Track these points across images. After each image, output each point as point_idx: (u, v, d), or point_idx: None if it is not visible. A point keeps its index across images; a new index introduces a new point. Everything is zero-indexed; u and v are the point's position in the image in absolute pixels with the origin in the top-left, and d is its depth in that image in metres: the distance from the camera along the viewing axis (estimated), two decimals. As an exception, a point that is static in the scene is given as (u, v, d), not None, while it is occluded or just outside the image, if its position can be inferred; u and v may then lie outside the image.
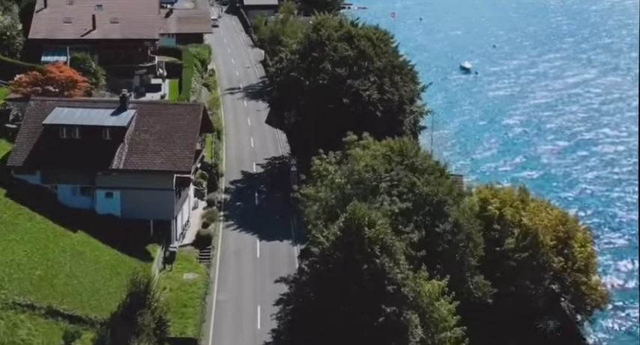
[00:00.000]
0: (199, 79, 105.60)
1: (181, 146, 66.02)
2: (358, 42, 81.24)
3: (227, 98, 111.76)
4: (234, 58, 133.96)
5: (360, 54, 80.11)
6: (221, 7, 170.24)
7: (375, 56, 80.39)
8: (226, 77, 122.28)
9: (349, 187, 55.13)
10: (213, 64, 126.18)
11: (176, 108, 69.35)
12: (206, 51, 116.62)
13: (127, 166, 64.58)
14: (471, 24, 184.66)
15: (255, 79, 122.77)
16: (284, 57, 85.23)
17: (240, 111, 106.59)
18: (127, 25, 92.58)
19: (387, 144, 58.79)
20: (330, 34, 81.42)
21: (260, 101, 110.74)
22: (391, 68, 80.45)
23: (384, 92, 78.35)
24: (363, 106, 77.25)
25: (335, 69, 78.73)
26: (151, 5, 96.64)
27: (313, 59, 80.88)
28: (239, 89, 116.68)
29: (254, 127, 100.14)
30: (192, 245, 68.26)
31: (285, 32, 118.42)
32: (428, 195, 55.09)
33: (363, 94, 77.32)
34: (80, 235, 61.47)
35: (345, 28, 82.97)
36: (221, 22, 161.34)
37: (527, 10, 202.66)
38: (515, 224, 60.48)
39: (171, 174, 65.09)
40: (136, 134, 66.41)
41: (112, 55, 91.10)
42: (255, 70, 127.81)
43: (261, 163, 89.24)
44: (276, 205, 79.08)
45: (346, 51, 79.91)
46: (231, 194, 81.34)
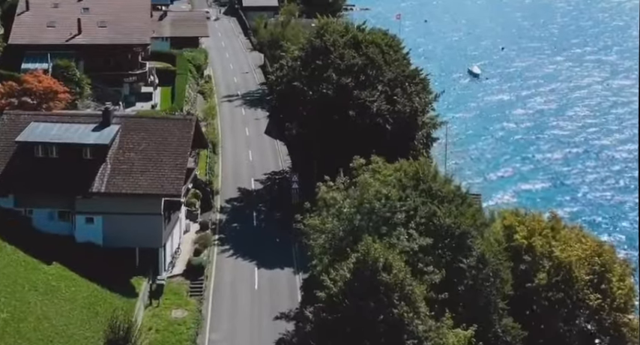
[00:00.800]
0: (194, 86, 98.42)
1: (171, 166, 58.84)
2: (366, 49, 74.04)
3: (224, 106, 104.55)
4: (232, 63, 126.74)
5: (367, 62, 72.90)
6: (219, 9, 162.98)
7: (384, 64, 73.18)
8: (224, 83, 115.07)
9: (359, 217, 47.93)
10: (209, 69, 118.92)
11: (165, 123, 62.11)
12: (202, 56, 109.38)
13: (110, 188, 57.41)
14: (477, 25, 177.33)
15: (254, 85, 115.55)
16: (284, 64, 77.97)
17: (237, 120, 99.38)
18: (115, 29, 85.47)
19: (401, 167, 51.52)
20: (335, 40, 74.19)
21: (259, 109, 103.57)
22: (402, 77, 73.21)
23: (394, 103, 71.12)
24: (371, 119, 70.04)
25: (341, 78, 71.49)
26: (141, 8, 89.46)
27: (317, 67, 73.63)
28: (237, 96, 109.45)
29: (252, 138, 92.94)
30: (183, 276, 61.02)
31: (286, 36, 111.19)
32: (450, 227, 47.89)
33: (371, 106, 70.10)
34: (55, 268, 54.29)
35: (351, 34, 75.72)
36: (219, 24, 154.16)
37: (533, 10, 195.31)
38: (545, 256, 53.26)
39: (159, 197, 57.93)
40: (120, 153, 59.23)
41: (99, 61, 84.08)
42: (254, 75, 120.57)
43: (260, 178, 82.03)
44: (276, 227, 71.88)
45: (353, 58, 72.67)
46: (227, 214, 74.13)
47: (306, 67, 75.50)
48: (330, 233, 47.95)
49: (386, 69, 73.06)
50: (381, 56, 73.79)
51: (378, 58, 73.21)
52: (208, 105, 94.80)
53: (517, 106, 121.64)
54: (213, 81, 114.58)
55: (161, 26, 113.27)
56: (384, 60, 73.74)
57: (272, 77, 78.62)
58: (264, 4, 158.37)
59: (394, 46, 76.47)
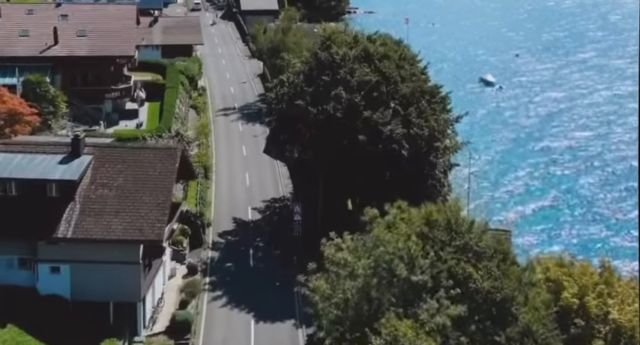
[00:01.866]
0: (186, 100, 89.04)
1: (151, 206, 49.42)
2: (379, 62, 64.66)
3: (220, 121, 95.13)
4: (229, 72, 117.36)
5: (380, 78, 63.49)
6: (216, 13, 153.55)
7: (399, 80, 63.79)
8: (219, 95, 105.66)
9: (375, 281, 38.47)
10: (204, 79, 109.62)
11: (146, 153, 52.60)
12: (196, 65, 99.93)
13: (79, 233, 48.05)
14: (486, 29, 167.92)
15: (253, 96, 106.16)
16: (285, 80, 68.50)
17: (234, 137, 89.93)
18: (96, 38, 76.09)
19: (426, 215, 41.99)
20: (344, 53, 64.74)
21: (257, 124, 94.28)
22: (419, 95, 63.78)
23: (411, 126, 61.70)
24: (385, 144, 60.61)
25: (351, 97, 62.09)
26: (127, 14, 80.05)
27: (322, 84, 64.19)
28: (234, 110, 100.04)
29: (250, 158, 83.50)
30: (166, 334, 51.46)
31: (287, 43, 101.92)
32: (489, 292, 38.48)
33: (384, 129, 60.68)
34: (10, 332, 44.93)
35: (361, 45, 66.26)
36: (215, 29, 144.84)
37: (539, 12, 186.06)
38: (601, 319, 43.89)
39: (137, 243, 48.56)
40: (92, 190, 49.85)
41: (78, 75, 74.83)
42: (253, 85, 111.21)
43: (258, 206, 72.58)
44: (276, 266, 62.54)
45: (365, 75, 63.25)
46: (221, 251, 64.66)
47: (310, 84, 66.06)
48: (342, 303, 38.47)
49: (401, 86, 63.64)
50: (395, 71, 64.39)
51: (392, 73, 63.79)
52: (201, 121, 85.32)
53: (538, 120, 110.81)
54: (208, 92, 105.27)
55: (151, 33, 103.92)
56: (399, 75, 64.35)
57: (271, 95, 69.02)
58: (264, 7, 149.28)
59: (410, 59, 67.01)
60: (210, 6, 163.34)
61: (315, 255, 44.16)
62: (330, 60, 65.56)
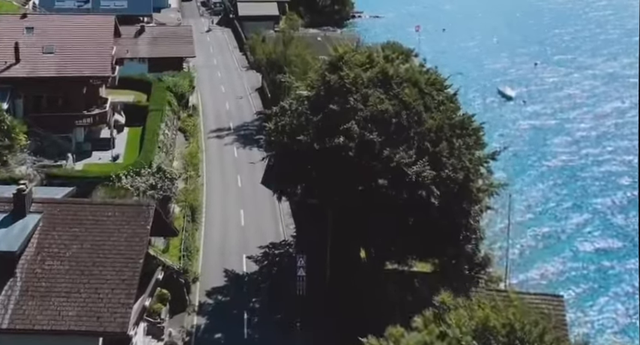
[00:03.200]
0: (173, 123, 77.39)
1: (114, 283, 37.78)
2: (398, 87, 53.02)
3: (212, 145, 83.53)
4: (225, 85, 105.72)
5: (402, 107, 51.84)
6: (211, 19, 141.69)
7: (424, 110, 52.12)
8: (213, 113, 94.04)
9: None
10: (197, 94, 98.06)
11: (109, 212, 40.86)
12: (186, 81, 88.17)
13: (17, 322, 36.47)
14: (497, 34, 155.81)
15: (250, 114, 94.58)
16: (287, 107, 56.75)
17: (228, 165, 78.34)
18: (66, 56, 64.37)
19: (483, 319, 30.24)
20: (357, 75, 53.11)
21: (255, 148, 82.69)
22: (448, 128, 52.07)
23: (441, 166, 50.07)
24: (410, 190, 49.00)
25: (365, 132, 50.48)
26: (103, 27, 68.36)
27: (331, 113, 52.59)
28: (228, 130, 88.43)
29: (246, 189, 71.96)
30: None
31: (288, 56, 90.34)
32: None
33: (409, 172, 49.05)
34: None
35: (378, 67, 54.60)
36: (211, 37, 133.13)
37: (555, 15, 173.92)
38: None
39: (95, 336, 36.96)
40: (38, 262, 38.21)
41: (44, 99, 63.17)
42: (250, 101, 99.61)
43: (254, 255, 60.95)
44: (275, 336, 51.03)
45: (381, 102, 51.63)
46: (208, 317, 52.94)
47: (317, 112, 54.48)
48: None
49: (427, 117, 51.97)
50: (419, 98, 52.73)
51: (416, 102, 52.12)
52: (190, 149, 73.54)
53: (572, 144, 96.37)
54: (200, 109, 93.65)
55: (137, 44, 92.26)
56: (424, 104, 52.66)
57: (269, 125, 57.15)
58: (263, 12, 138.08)
59: (437, 83, 55.30)
60: (206, 11, 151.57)
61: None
62: (340, 84, 53.97)
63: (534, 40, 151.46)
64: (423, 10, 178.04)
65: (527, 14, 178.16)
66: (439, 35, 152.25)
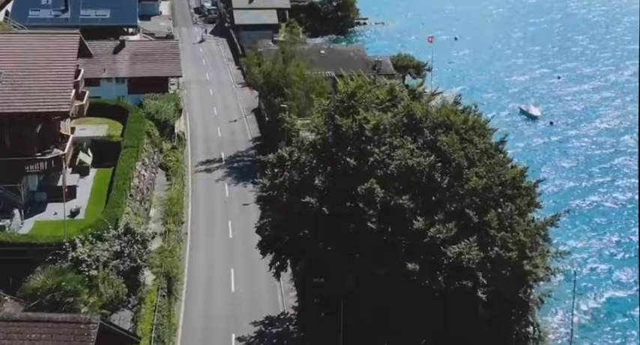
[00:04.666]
0: (153, 159, 64.89)
1: None
2: (432, 134, 40.72)
3: (199, 181, 71.12)
4: (218, 105, 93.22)
5: (438, 161, 39.53)
6: (205, 28, 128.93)
7: (464, 164, 39.75)
8: (203, 140, 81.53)
9: None
10: (185, 117, 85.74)
11: (33, 333, 28.51)
12: (171, 105, 75.64)
13: None
14: (511, 43, 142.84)
15: (245, 141, 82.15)
16: (287, 156, 44.26)
17: (217, 209, 65.81)
18: (17, 86, 51.77)
19: None
20: (379, 120, 40.71)
21: (249, 184, 70.47)
22: (498, 188, 39.66)
23: (489, 243, 37.73)
24: (448, 277, 36.67)
25: (391, 195, 38.14)
26: (65, 49, 55.74)
27: (346, 168, 40.26)
28: (219, 162, 75.99)
29: (238, 242, 59.44)
30: None
31: (288, 76, 77.88)
32: None
33: (449, 252, 36.70)
34: None
35: (401, 105, 42.26)
36: (204, 48, 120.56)
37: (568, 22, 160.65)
38: None
39: None
40: None
41: (-14, 140, 50.66)
42: (246, 124, 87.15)
43: (246, 334, 48.48)
44: None
45: (411, 154, 39.31)
46: None
47: (326, 165, 42.20)
48: None
49: (470, 173, 39.60)
50: (459, 149, 40.39)
51: (456, 153, 39.76)
52: (171, 192, 60.92)
53: (617, 175, 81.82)
54: (188, 136, 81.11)
55: (116, 62, 79.84)
56: (465, 156, 40.28)
57: (264, 181, 44.51)
58: (261, 21, 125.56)
59: (478, 126, 42.89)
60: (199, 18, 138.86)
61: None
62: (354, 131, 41.59)
63: (552, 49, 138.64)
64: (429, 15, 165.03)
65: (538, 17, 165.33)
66: (451, 44, 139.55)
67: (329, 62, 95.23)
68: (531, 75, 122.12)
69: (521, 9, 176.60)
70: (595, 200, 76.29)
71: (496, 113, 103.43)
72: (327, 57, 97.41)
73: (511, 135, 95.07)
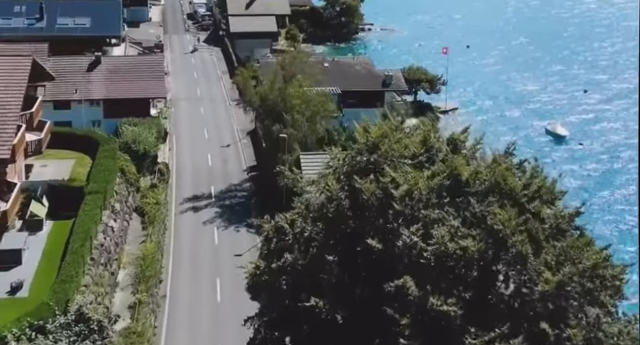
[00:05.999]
0: (126, 204, 53.59)
1: None
2: (481, 203, 29.44)
3: (184, 225, 59.93)
4: (209, 127, 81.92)
5: (492, 244, 28.32)
6: (197, 36, 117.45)
7: (532, 251, 28.47)
8: (190, 170, 70.31)
9: None
10: (172, 139, 74.73)
11: None
12: (152, 133, 64.49)
13: None
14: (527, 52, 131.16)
15: (239, 171, 71.06)
16: (287, 227, 32.99)
17: (204, 262, 54.58)
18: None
19: None
20: (412, 186, 29.44)
21: (243, 228, 59.56)
22: (577, 283, 28.43)
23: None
24: None
25: (431, 297, 26.94)
26: (10, 76, 44.55)
27: (368, 253, 29.10)
28: (209, 199, 64.77)
29: (227, 312, 48.14)
30: None
31: (288, 97, 66.67)
32: None
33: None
34: None
35: (446, 164, 30.98)
36: (196, 59, 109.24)
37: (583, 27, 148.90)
38: None
39: None
40: None
41: None
42: (240, 150, 76.03)
43: None
44: None
45: (455, 235, 28.14)
46: None
47: (338, 242, 31.01)
48: None
49: (537, 265, 28.34)
50: (521, 224, 29.13)
51: (515, 235, 28.48)
52: (145, 251, 49.50)
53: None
54: (173, 166, 69.89)
55: (90, 81, 68.76)
56: (529, 236, 29.01)
57: (257, 263, 33.23)
58: (259, 28, 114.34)
59: (545, 191, 31.48)
60: (192, 25, 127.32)
61: None
62: (379, 197, 30.40)
63: (574, 58, 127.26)
64: (436, 20, 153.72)
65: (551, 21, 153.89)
66: (463, 52, 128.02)
67: (333, 76, 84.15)
68: (553, 87, 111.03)
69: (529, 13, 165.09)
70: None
71: (516, 130, 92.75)
72: (331, 71, 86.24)
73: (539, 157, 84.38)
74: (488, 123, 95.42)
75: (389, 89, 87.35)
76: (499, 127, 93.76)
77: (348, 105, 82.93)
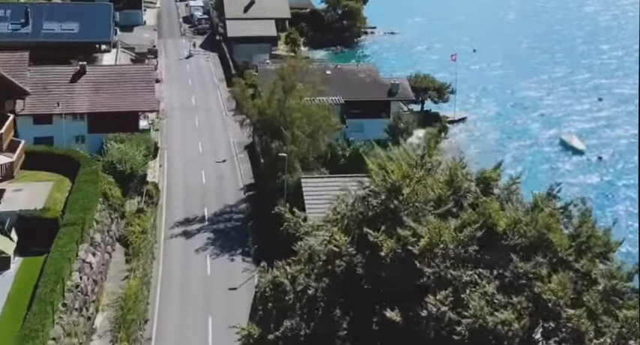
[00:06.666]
0: (106, 236, 47.99)
1: None
2: (525, 260, 23.99)
3: (174, 251, 54.46)
4: (204, 140, 76.33)
5: (537, 316, 22.89)
6: (193, 41, 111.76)
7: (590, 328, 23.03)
8: (182, 189, 64.71)
9: None
10: (162, 158, 69.20)
11: None
12: (140, 150, 58.93)
13: None
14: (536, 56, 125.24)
15: (235, 190, 65.51)
16: (287, 285, 27.51)
17: (195, 297, 48.98)
18: None
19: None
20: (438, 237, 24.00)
21: (238, 257, 54.15)
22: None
23: None
24: None
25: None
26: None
27: (387, 325, 23.65)
28: (202, 222, 59.14)
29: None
30: None
31: (288, 110, 61.18)
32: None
33: None
34: None
35: (477, 210, 25.55)
36: (191, 65, 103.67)
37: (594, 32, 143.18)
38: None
39: None
40: None
41: None
42: (237, 165, 70.46)
43: None
44: None
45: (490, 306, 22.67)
46: None
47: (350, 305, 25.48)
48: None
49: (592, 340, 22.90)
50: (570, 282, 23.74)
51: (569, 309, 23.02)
52: (128, 289, 43.94)
53: None
54: (163, 186, 64.37)
55: (73, 93, 63.28)
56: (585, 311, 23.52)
57: (250, 329, 27.47)
58: (258, 33, 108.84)
59: (595, 245, 26.02)
60: (188, 28, 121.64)
61: None
62: (397, 254, 24.95)
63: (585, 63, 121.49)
64: (439, 22, 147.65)
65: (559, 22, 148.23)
66: (470, 57, 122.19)
67: (336, 85, 78.59)
68: (565, 95, 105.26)
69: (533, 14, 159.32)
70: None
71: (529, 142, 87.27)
72: (334, 79, 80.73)
73: (552, 173, 79.28)
74: (498, 133, 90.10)
75: (395, 99, 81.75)
76: (510, 138, 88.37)
77: (352, 115, 77.55)
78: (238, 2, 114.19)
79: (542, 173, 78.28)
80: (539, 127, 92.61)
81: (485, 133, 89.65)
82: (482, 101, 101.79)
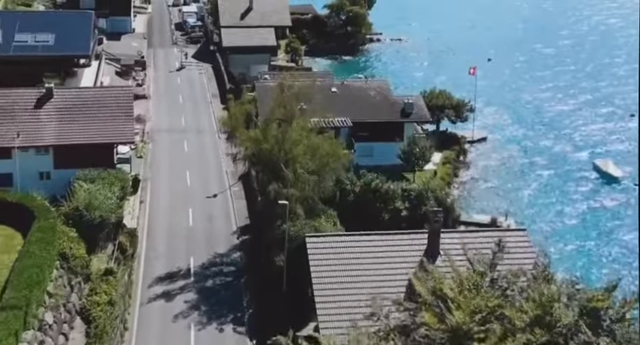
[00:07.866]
0: (62, 313, 38.26)
1: None
2: None
3: (150, 320, 44.72)
4: (193, 170, 66.41)
5: None
6: (185, 52, 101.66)
7: None
8: (165, 234, 54.90)
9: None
10: (144, 194, 59.48)
11: None
12: (114, 191, 49.11)
13: None
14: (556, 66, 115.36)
15: (227, 233, 55.72)
16: None
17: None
18: None
19: None
20: None
21: (229, 326, 44.51)
22: None
23: None
24: None
25: None
26: None
27: None
28: (186, 277, 49.41)
29: None
30: None
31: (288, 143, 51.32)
32: None
33: None
34: None
35: None
36: (182, 78, 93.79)
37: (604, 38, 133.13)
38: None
39: None
40: None
41: None
42: (231, 202, 60.62)
43: None
44: None
45: None
46: None
47: None
48: None
49: None
50: None
51: None
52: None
53: None
54: (143, 231, 54.57)
55: (37, 121, 53.54)
56: None
57: None
58: (256, 42, 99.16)
59: None
60: (180, 36, 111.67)
61: None
62: None
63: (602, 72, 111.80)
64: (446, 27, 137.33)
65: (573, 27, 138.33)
66: (484, 66, 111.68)
67: (342, 104, 69.25)
68: (594, 111, 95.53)
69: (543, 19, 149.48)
70: None
71: (560, 166, 77.73)
72: (340, 97, 71.36)
73: (586, 204, 69.80)
74: (522, 155, 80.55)
75: (410, 120, 72.15)
76: (536, 162, 78.83)
77: (360, 138, 68.05)
78: (235, 8, 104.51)
79: (578, 206, 68.80)
80: (570, 148, 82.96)
81: (508, 157, 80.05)
82: (503, 117, 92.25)
